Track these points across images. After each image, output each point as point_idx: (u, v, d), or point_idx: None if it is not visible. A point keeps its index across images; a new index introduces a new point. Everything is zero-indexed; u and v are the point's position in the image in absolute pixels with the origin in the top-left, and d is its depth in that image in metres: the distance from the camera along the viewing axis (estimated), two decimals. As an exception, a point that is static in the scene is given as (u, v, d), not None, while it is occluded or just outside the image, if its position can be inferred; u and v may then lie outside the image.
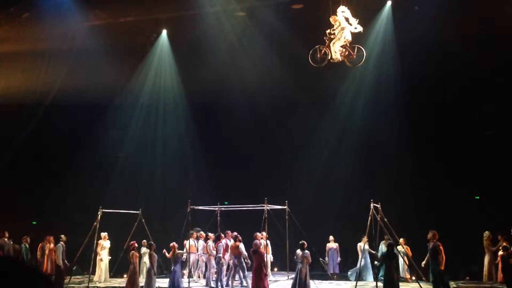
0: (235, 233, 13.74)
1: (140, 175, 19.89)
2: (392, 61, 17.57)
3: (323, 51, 11.26)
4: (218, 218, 15.46)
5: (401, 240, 14.66)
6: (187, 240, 14.70)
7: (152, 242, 13.31)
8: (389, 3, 16.84)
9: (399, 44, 17.11)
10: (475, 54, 15.90)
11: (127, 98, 19.90)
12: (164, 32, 18.70)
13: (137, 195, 18.74)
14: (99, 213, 14.58)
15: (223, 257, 13.30)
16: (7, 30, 15.85)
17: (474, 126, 17.67)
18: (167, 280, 14.00)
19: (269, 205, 13.55)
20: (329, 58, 11.19)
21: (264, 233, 14.04)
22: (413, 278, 14.62)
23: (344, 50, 11.08)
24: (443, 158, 17.66)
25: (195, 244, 14.99)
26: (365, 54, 11.29)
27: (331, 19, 11.17)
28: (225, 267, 13.57)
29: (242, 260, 13.09)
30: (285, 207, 14.15)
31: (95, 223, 14.48)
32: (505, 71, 16.09)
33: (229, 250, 13.38)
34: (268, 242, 14.52)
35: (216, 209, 15.47)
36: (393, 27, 16.89)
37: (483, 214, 16.25)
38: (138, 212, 15.30)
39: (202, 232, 15.02)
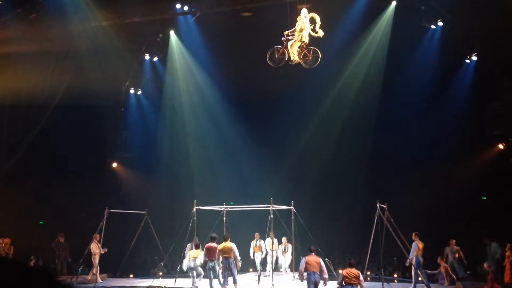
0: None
1: (146, 175, 19.95)
2: (392, 60, 17.65)
3: (281, 51, 11.40)
4: (224, 218, 15.46)
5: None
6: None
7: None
8: (393, 4, 16.79)
9: (400, 44, 17.15)
10: (484, 54, 15.83)
11: (133, 99, 19.97)
12: (172, 33, 18.75)
13: (143, 195, 18.80)
14: (105, 213, 14.63)
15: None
16: (15, 30, 15.94)
17: (482, 126, 17.59)
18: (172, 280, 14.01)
19: (274, 206, 13.53)
20: (287, 58, 11.34)
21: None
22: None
23: (300, 51, 11.23)
24: (446, 158, 17.61)
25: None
26: (320, 56, 11.40)
27: (298, 19, 11.33)
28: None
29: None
30: (291, 207, 14.13)
31: (101, 223, 14.52)
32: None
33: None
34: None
35: (222, 209, 15.46)
36: (392, 28, 16.95)
37: (489, 215, 16.19)
38: (143, 212, 15.34)
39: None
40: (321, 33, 11.16)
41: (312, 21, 11.19)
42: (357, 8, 16.69)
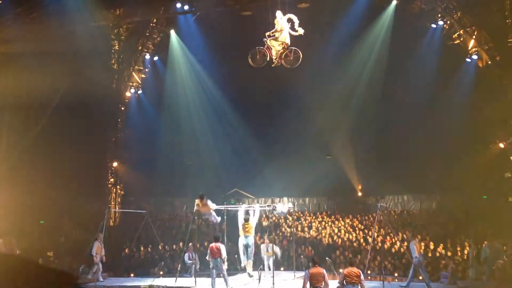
0: None
1: (147, 174, 19.95)
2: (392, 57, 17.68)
3: (262, 52, 11.49)
4: (225, 217, 15.47)
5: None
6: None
7: None
8: (394, 3, 16.80)
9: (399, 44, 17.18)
10: (484, 52, 15.84)
11: (133, 98, 19.96)
12: (173, 32, 18.75)
13: (144, 194, 18.81)
14: (106, 212, 14.64)
15: None
16: (15, 30, 15.94)
17: (482, 125, 17.60)
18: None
19: (274, 205, 13.53)
20: (268, 59, 11.45)
21: None
22: None
23: (282, 52, 11.31)
24: (446, 157, 17.64)
25: None
26: (301, 56, 11.50)
27: (275, 22, 11.43)
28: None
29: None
30: (291, 206, 14.15)
31: (102, 223, 14.54)
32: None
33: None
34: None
35: (223, 208, 15.47)
36: (393, 28, 16.96)
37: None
38: (144, 211, 15.37)
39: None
40: (301, 31, 11.29)
41: (290, 21, 11.31)
42: (358, 7, 16.69)
